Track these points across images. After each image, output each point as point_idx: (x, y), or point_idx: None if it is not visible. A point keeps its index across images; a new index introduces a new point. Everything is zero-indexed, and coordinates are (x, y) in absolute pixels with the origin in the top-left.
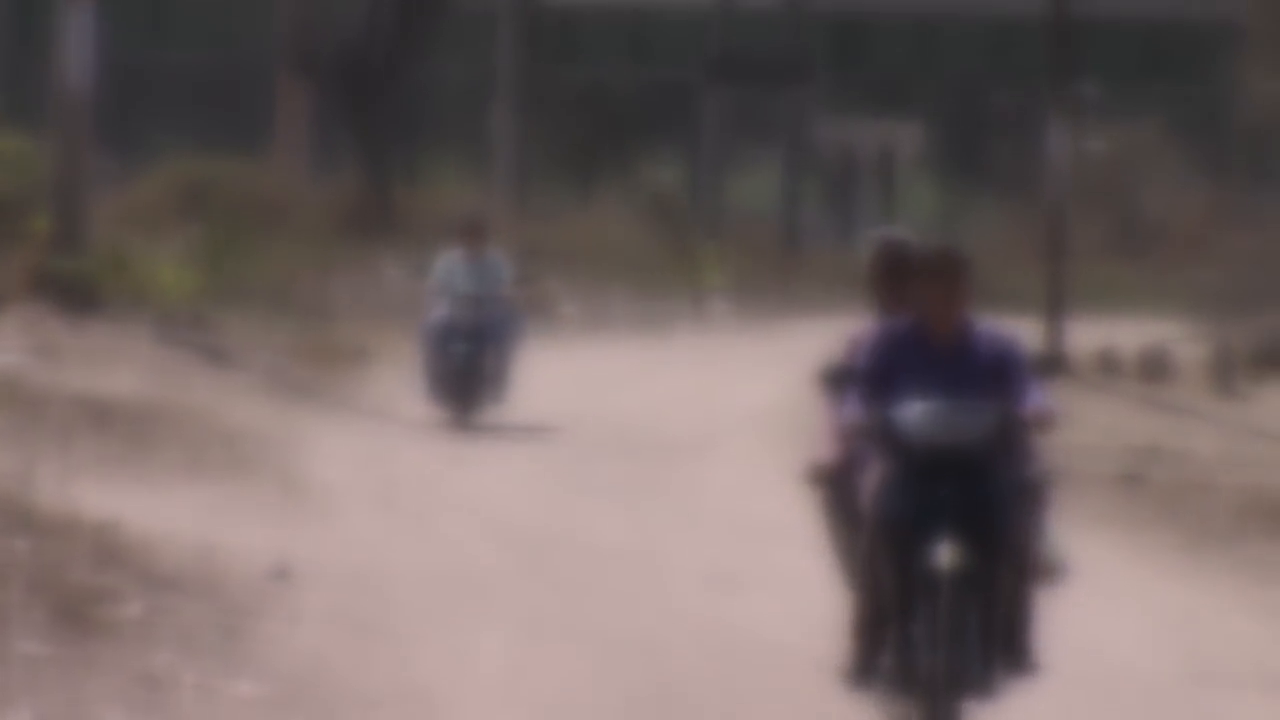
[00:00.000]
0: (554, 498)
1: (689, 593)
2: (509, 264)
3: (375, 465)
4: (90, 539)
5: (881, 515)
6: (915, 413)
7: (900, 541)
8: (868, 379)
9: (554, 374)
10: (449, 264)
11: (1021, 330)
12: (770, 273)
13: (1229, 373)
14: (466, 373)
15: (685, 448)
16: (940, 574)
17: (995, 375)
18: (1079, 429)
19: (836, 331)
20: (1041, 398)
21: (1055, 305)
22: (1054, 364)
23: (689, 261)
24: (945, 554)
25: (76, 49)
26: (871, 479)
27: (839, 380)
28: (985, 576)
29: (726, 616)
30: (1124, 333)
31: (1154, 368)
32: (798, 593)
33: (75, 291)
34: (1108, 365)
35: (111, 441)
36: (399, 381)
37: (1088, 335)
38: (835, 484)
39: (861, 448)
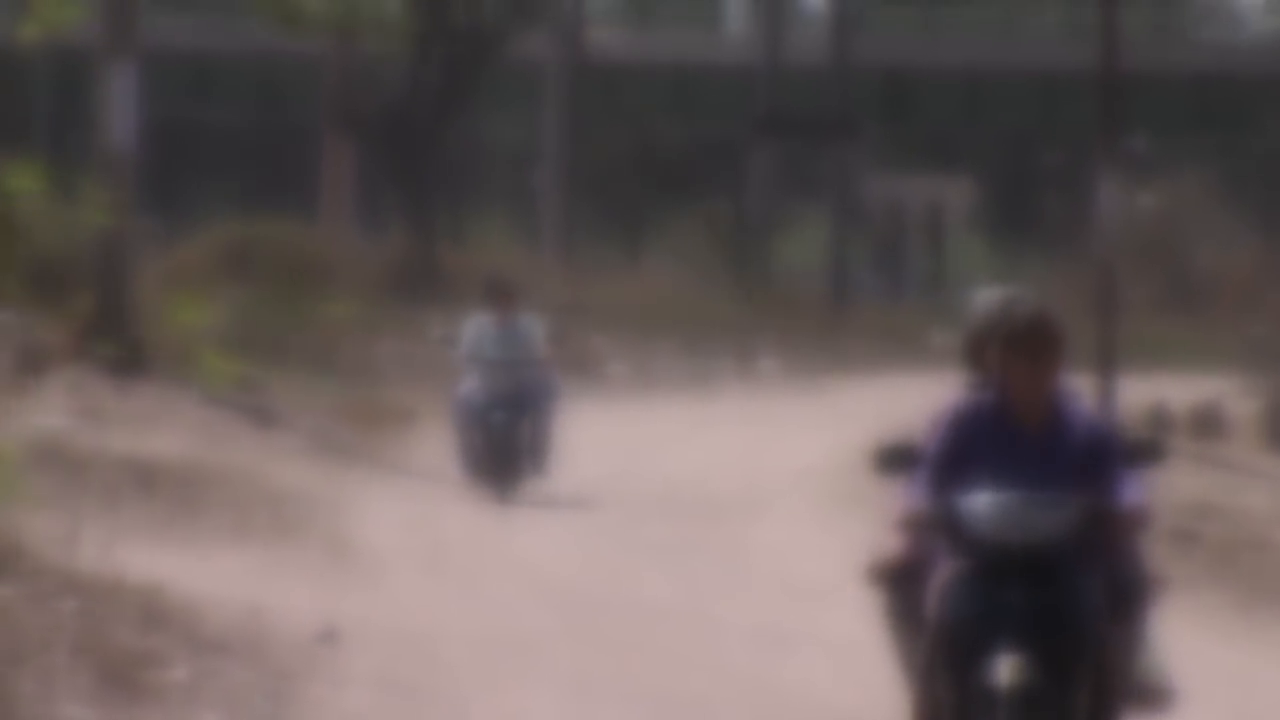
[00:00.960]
0: (602, 558)
1: (738, 652)
2: (541, 324)
3: (422, 527)
4: (136, 602)
5: (941, 619)
6: (984, 503)
7: (960, 651)
8: (937, 463)
9: (601, 433)
10: (479, 330)
11: (1071, 386)
12: (818, 330)
13: None
14: (506, 445)
15: (733, 508)
16: (1000, 692)
17: (1086, 466)
18: None
19: (885, 391)
20: (1139, 493)
21: (1106, 362)
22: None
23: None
24: (1007, 668)
25: (120, 109)
26: (937, 577)
27: (895, 462)
28: (1057, 697)
29: (776, 677)
30: (1175, 389)
31: (1206, 424)
32: (847, 653)
33: (120, 354)
34: (1159, 422)
35: (157, 504)
36: (445, 443)
37: (1138, 392)
38: (899, 582)
39: (931, 543)
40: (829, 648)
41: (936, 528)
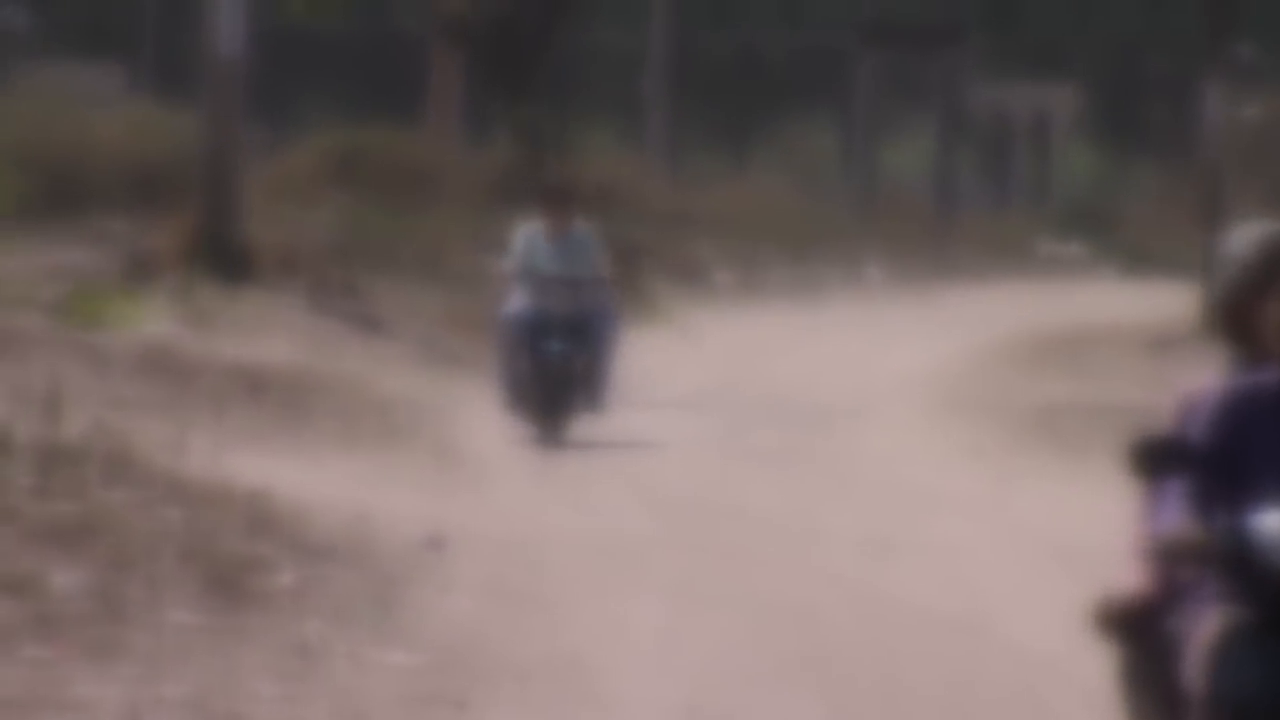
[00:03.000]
0: (708, 465)
1: (844, 559)
2: (599, 241)
3: (526, 433)
4: (243, 508)
5: (1214, 693)
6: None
7: None
8: (1204, 466)
9: (708, 340)
10: (529, 241)
11: (1179, 294)
12: (924, 239)
13: None
14: (558, 376)
15: (839, 415)
16: None
17: None
18: None
19: (992, 299)
20: None
21: (1211, 269)
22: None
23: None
24: None
25: (229, 17)
26: (1204, 631)
27: (1165, 460)
28: None
29: (881, 583)
30: None
31: None
32: (954, 560)
33: (228, 261)
34: None
35: (264, 410)
36: None
37: None
38: (1143, 633)
39: (1193, 579)
40: (935, 555)
41: (1207, 558)
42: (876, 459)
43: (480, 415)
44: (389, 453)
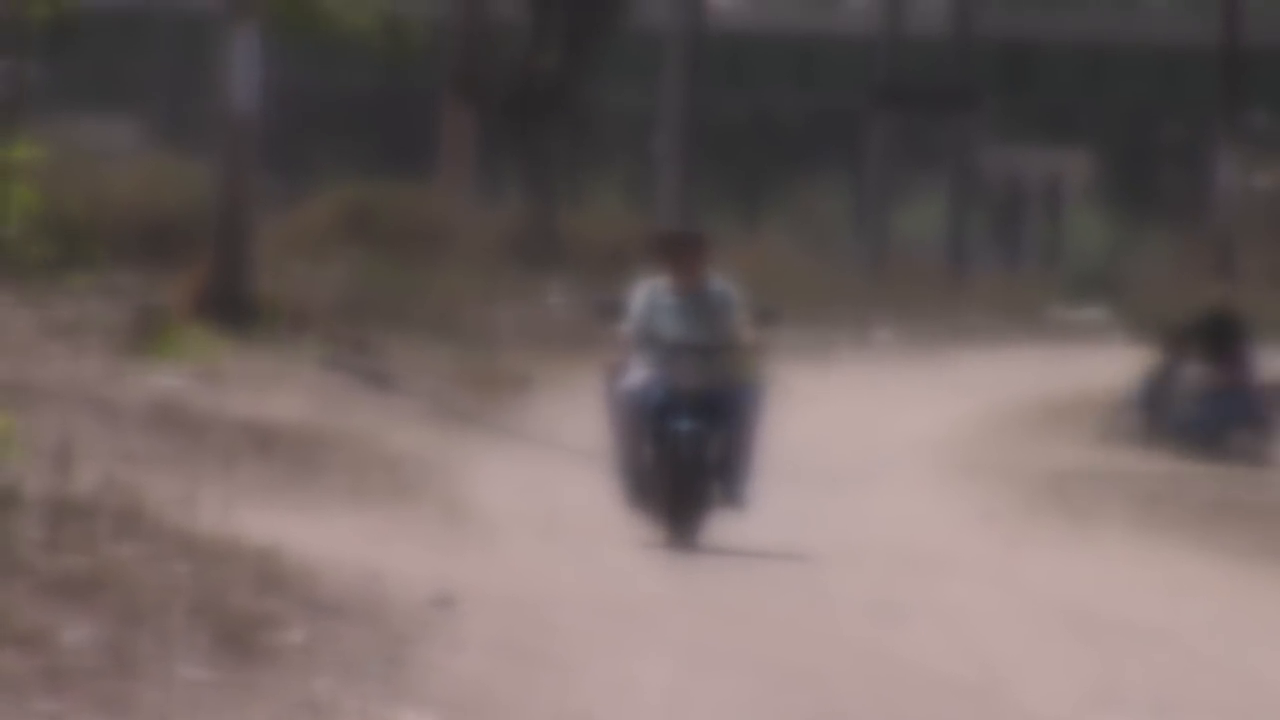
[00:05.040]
0: (715, 524)
1: (852, 623)
2: (739, 297)
3: (538, 493)
4: (252, 564)
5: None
6: None
7: None
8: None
9: None
10: (652, 299)
11: None
12: (935, 301)
13: None
14: (690, 465)
15: (848, 477)
16: None
17: None
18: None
19: (1003, 362)
20: None
21: None
22: None
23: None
24: None
25: (243, 72)
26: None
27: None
28: None
29: (890, 646)
30: None
31: None
32: (962, 624)
33: (239, 315)
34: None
35: (274, 466)
36: (562, 409)
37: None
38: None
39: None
40: (943, 619)
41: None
42: (886, 522)
43: (490, 472)
44: (399, 509)
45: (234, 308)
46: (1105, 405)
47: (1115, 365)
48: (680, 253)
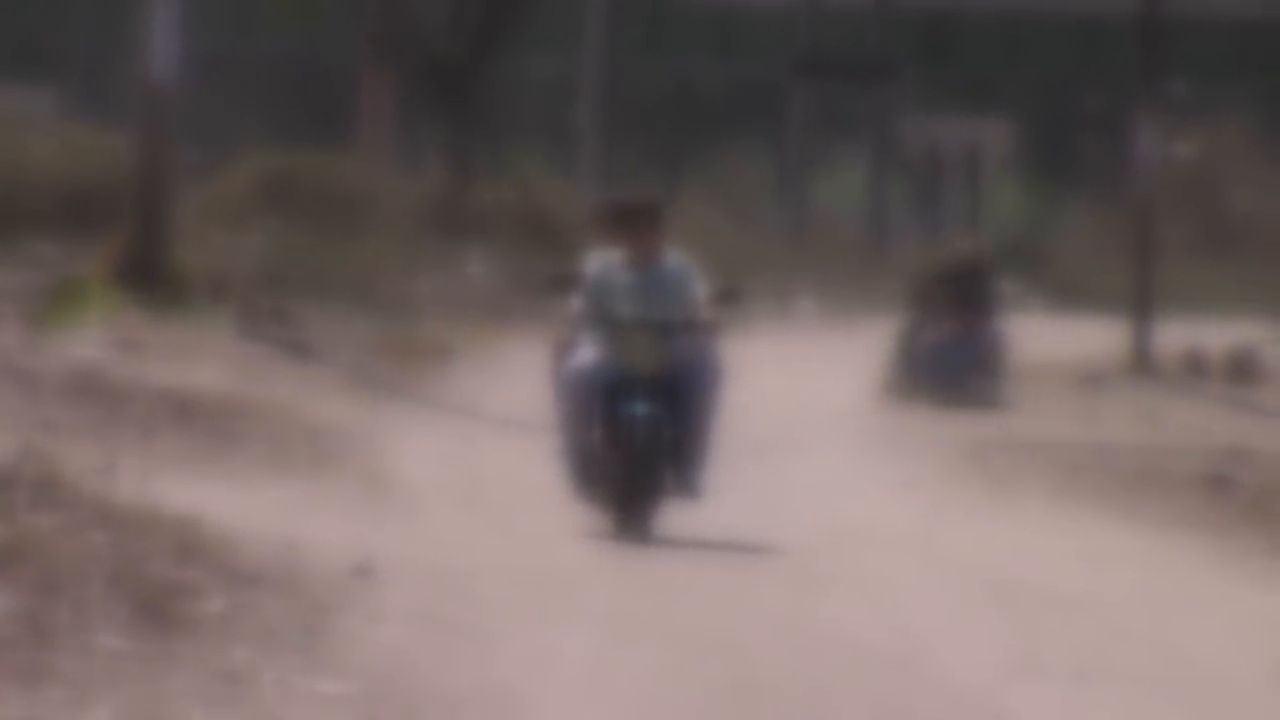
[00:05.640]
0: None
1: (775, 592)
2: (698, 272)
3: (459, 462)
4: (171, 534)
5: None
6: None
7: None
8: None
9: None
10: (604, 274)
11: (1107, 331)
12: (856, 271)
13: None
14: (642, 451)
15: (768, 447)
16: None
17: None
18: (1164, 430)
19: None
20: None
21: (1142, 306)
22: (1140, 365)
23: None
24: None
25: (162, 41)
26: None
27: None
28: None
29: (812, 616)
30: (1211, 334)
31: (1241, 369)
32: (884, 594)
33: (158, 285)
34: (1194, 366)
35: (194, 436)
36: (483, 380)
37: (1174, 336)
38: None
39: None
40: (864, 588)
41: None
42: (807, 491)
43: (410, 442)
44: (319, 480)
45: (153, 277)
46: None
47: (1032, 335)
48: (634, 225)
